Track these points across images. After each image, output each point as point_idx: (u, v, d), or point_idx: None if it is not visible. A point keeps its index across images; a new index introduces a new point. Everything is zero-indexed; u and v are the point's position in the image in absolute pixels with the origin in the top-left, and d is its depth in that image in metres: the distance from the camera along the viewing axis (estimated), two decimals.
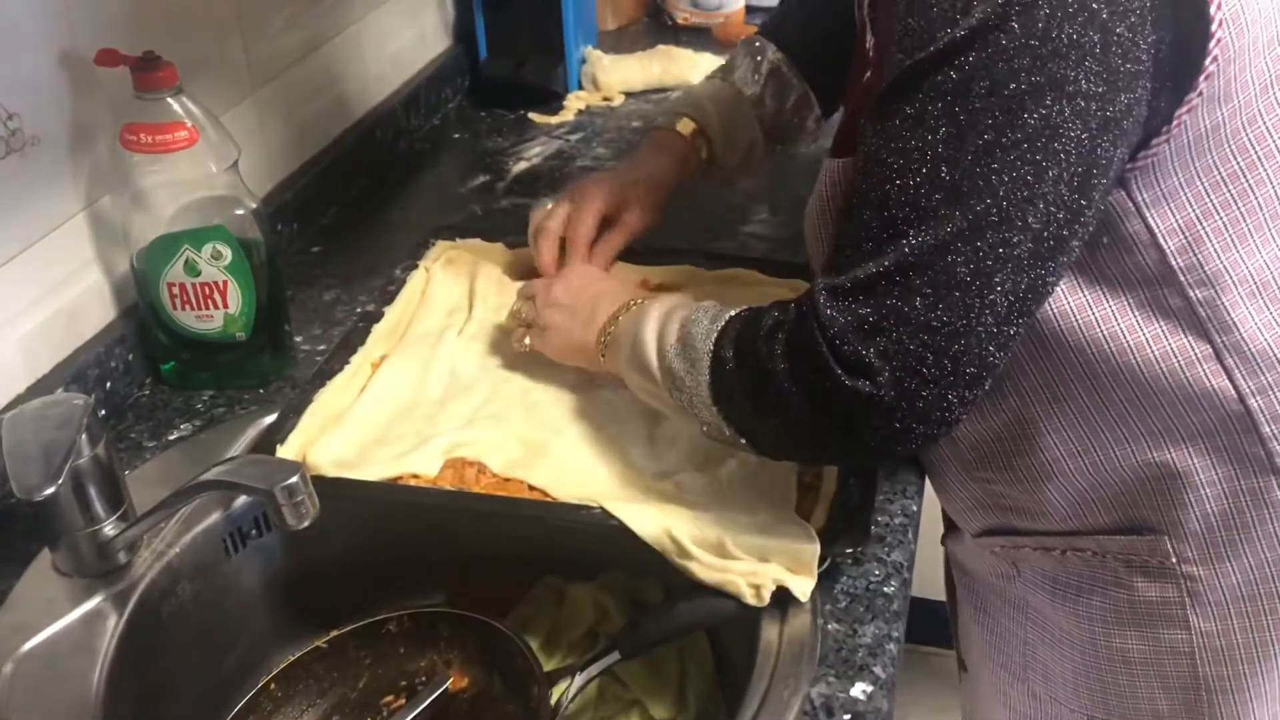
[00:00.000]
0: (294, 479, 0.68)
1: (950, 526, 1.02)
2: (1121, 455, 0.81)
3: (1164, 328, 0.76)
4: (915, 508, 0.91)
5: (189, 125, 0.96)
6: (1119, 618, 0.86)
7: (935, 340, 0.69)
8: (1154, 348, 0.77)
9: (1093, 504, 0.83)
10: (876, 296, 0.70)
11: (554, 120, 1.60)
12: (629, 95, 1.67)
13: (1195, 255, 0.75)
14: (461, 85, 1.68)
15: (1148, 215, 0.74)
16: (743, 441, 0.81)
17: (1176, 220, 0.74)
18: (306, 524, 0.70)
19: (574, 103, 1.63)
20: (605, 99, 1.65)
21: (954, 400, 0.71)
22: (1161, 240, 0.74)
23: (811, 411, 0.74)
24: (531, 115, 1.61)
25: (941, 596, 1.12)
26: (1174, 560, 0.82)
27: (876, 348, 0.70)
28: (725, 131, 1.12)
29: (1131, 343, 0.77)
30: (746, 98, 1.13)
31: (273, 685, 0.90)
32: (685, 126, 1.12)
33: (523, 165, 1.49)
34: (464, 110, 1.65)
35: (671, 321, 0.84)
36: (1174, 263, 0.75)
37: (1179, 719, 0.86)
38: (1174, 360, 0.77)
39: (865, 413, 0.71)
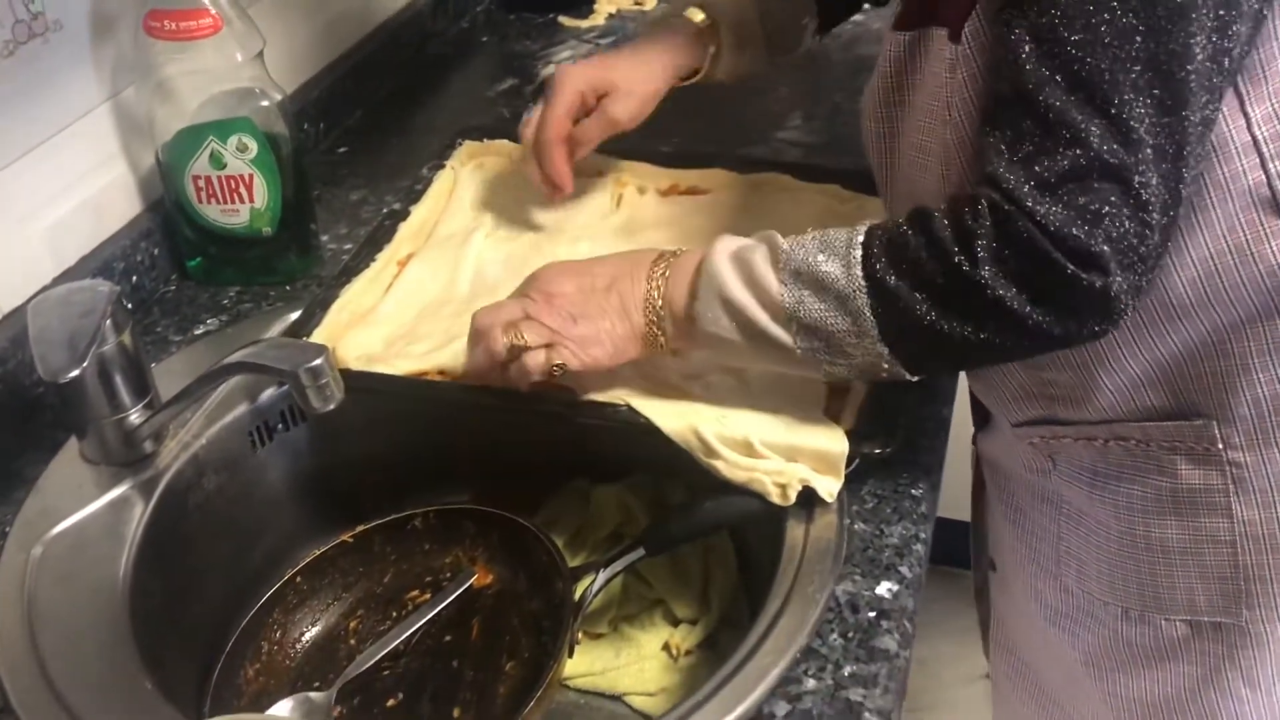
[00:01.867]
0: (319, 360, 0.68)
1: (983, 422, 1.00)
2: (1176, 336, 0.78)
3: (1236, 204, 0.74)
4: (946, 413, 0.90)
5: (213, 12, 0.94)
6: (1160, 507, 0.84)
7: (1153, 216, 0.67)
8: (1221, 222, 0.74)
9: (1143, 389, 0.82)
10: (1092, 183, 0.67)
11: (584, 24, 1.57)
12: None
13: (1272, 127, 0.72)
14: None
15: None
16: (908, 375, 0.76)
17: (1268, 88, 0.72)
18: (331, 407, 0.69)
19: (605, 6, 1.59)
20: (637, 2, 1.61)
21: (1155, 270, 0.70)
22: (1248, 106, 0.72)
23: (1030, 313, 0.69)
24: (561, 19, 1.58)
25: (960, 515, 1.10)
26: (1220, 446, 0.80)
27: (1103, 234, 0.67)
28: (735, 29, 1.05)
29: (1198, 217, 0.74)
30: None
31: (298, 579, 0.91)
32: (694, 16, 1.04)
33: (552, 69, 1.45)
34: (492, 14, 1.61)
35: (758, 269, 0.76)
36: (1258, 132, 0.72)
37: (1215, 608, 0.85)
38: (1240, 234, 0.74)
39: (1097, 302, 0.68)
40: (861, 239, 0.74)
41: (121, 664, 0.73)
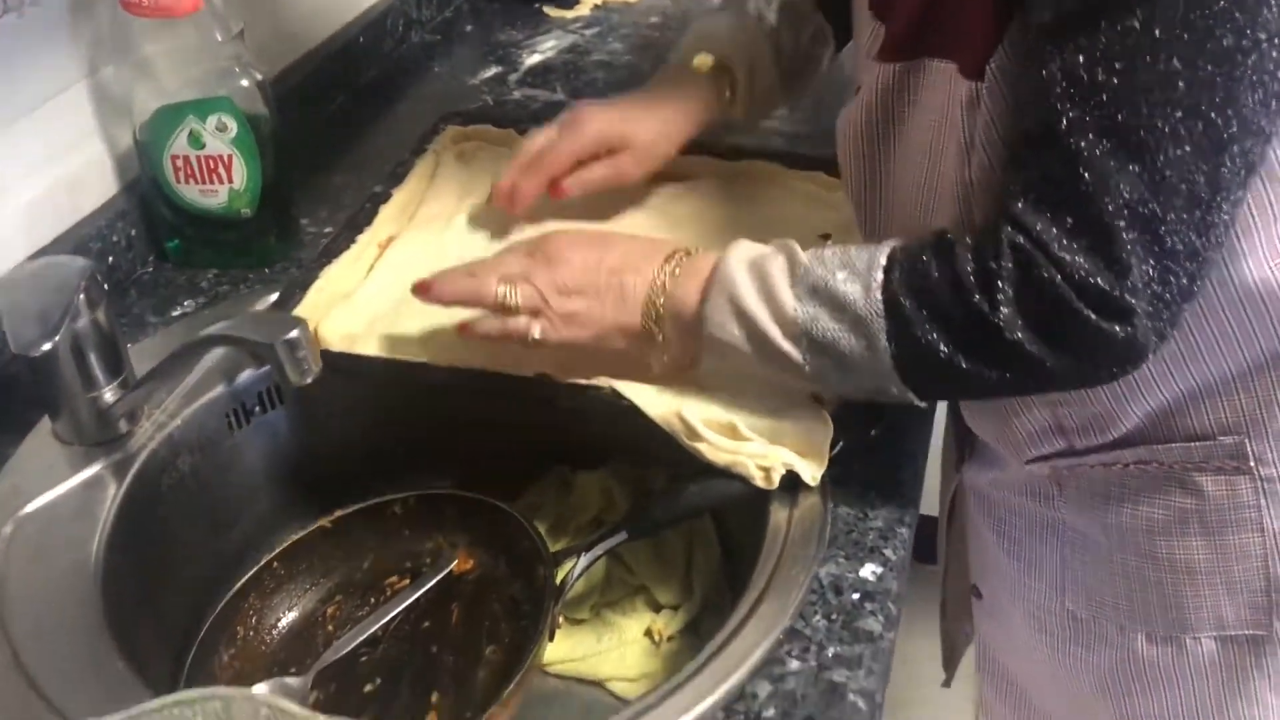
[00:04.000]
0: (295, 332, 0.67)
1: (969, 455, 0.97)
2: (1217, 364, 0.76)
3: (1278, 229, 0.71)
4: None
5: None
6: (1184, 526, 0.81)
7: (1181, 264, 0.66)
8: (1265, 249, 0.72)
9: (1173, 414, 0.79)
10: (1117, 232, 0.65)
11: (569, 14, 1.56)
12: None
13: None
14: None
15: None
16: (917, 401, 0.74)
17: None
18: (309, 380, 0.68)
19: None
20: None
21: (1183, 313, 0.68)
22: None
23: (1048, 358, 0.68)
24: (546, 9, 1.57)
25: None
26: (1252, 462, 0.78)
27: (1129, 285, 0.65)
28: (749, 71, 1.00)
29: (1245, 247, 0.72)
30: (765, 30, 1.01)
31: (275, 563, 0.89)
32: (704, 63, 0.99)
33: (536, 58, 1.45)
34: (476, 2, 1.61)
35: (774, 280, 0.74)
36: None
37: (1244, 622, 0.83)
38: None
39: (1118, 351, 0.67)
40: (884, 261, 0.72)
41: (94, 646, 0.72)
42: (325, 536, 0.92)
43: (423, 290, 0.84)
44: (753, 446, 0.79)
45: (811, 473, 0.79)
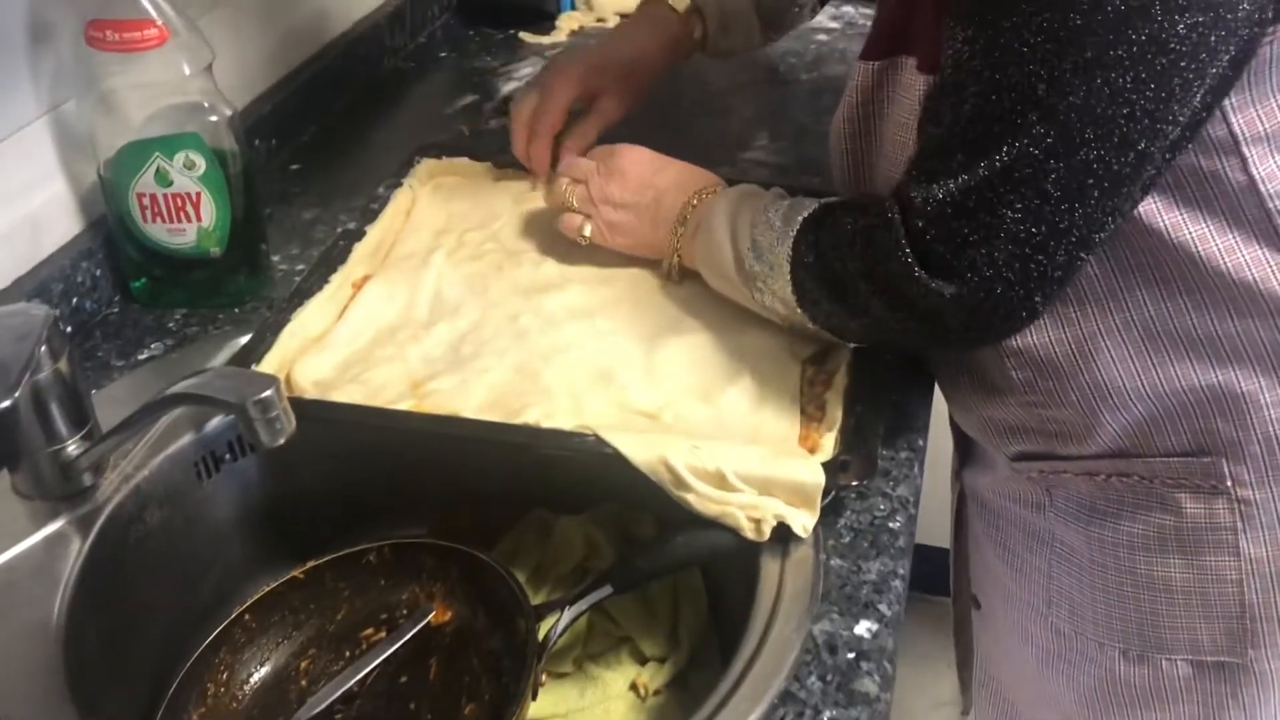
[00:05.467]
0: (268, 393, 0.64)
1: (967, 458, 0.98)
2: (1183, 375, 0.77)
3: (1239, 237, 0.73)
4: (921, 442, 0.88)
5: (159, 23, 0.90)
6: (1162, 544, 0.82)
7: (1023, 250, 0.70)
8: (1227, 258, 0.73)
9: (1147, 427, 0.80)
10: (966, 209, 0.70)
11: (546, 40, 1.54)
12: (623, 17, 1.60)
13: (1277, 163, 0.72)
14: (449, 2, 1.61)
15: (1233, 119, 0.71)
16: (828, 335, 0.84)
17: (1263, 127, 0.71)
18: (282, 441, 0.65)
19: (567, 23, 1.56)
20: (599, 20, 1.58)
21: (1037, 300, 0.73)
22: (1244, 147, 0.71)
23: (896, 312, 0.75)
24: (522, 35, 1.54)
25: (935, 542, 1.08)
26: (1229, 483, 0.79)
27: (965, 258, 0.71)
28: (722, 11, 1.08)
29: (1203, 252, 0.74)
30: None
31: (247, 616, 0.86)
32: (678, 2, 1.08)
33: (513, 85, 1.42)
34: (451, 28, 1.58)
35: (741, 222, 0.85)
36: (1255, 171, 0.72)
37: (1219, 648, 0.83)
38: (1247, 272, 0.73)
39: (951, 312, 0.73)
40: (804, 214, 0.81)
41: (56, 711, 0.69)
42: (298, 587, 0.89)
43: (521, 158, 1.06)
44: (742, 497, 0.77)
45: (803, 524, 0.77)
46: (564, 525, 0.95)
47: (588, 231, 0.96)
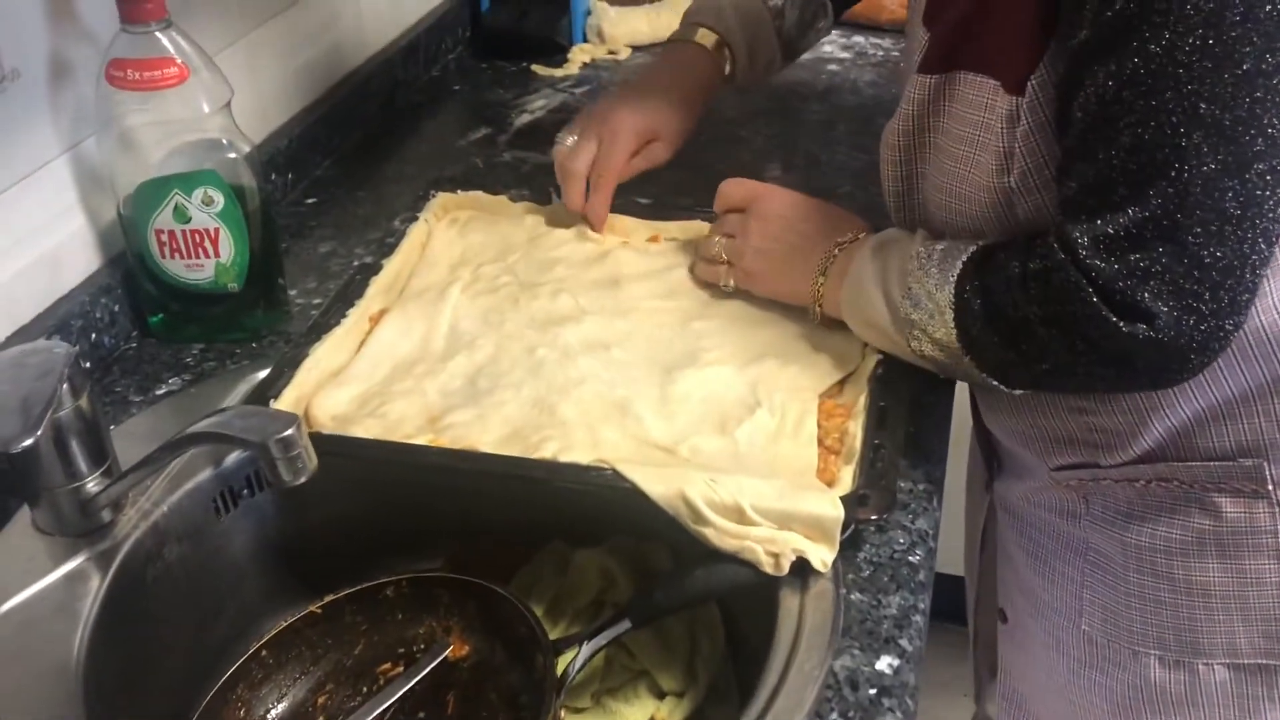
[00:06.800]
0: (289, 431, 0.64)
1: (1000, 470, 0.98)
2: (1232, 378, 0.78)
3: None
4: (939, 473, 0.88)
5: (179, 61, 0.91)
6: (1200, 548, 0.83)
7: (1210, 276, 0.69)
8: None
9: (1192, 430, 0.81)
10: (1146, 241, 0.69)
11: (558, 73, 1.55)
12: (636, 49, 1.61)
13: None
14: (462, 36, 1.62)
15: None
16: (994, 382, 0.81)
17: None
18: (304, 479, 0.65)
19: (579, 55, 1.57)
20: (611, 52, 1.60)
21: (1229, 327, 0.71)
22: None
23: (1080, 356, 0.74)
24: (535, 67, 1.56)
25: (948, 569, 1.08)
26: (1270, 486, 0.79)
27: (1151, 291, 0.70)
28: (749, 45, 1.09)
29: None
30: (768, 7, 1.10)
31: (264, 651, 0.86)
32: (705, 39, 1.08)
33: (526, 118, 1.43)
34: (464, 61, 1.59)
35: (891, 269, 0.83)
36: None
37: (1257, 650, 0.83)
38: None
39: (1144, 353, 0.71)
40: (963, 258, 0.79)
41: None
42: (315, 623, 0.89)
43: None
44: (760, 531, 0.77)
45: (822, 558, 0.76)
46: (581, 558, 0.95)
47: (731, 283, 0.97)
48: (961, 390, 0.97)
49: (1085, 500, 0.88)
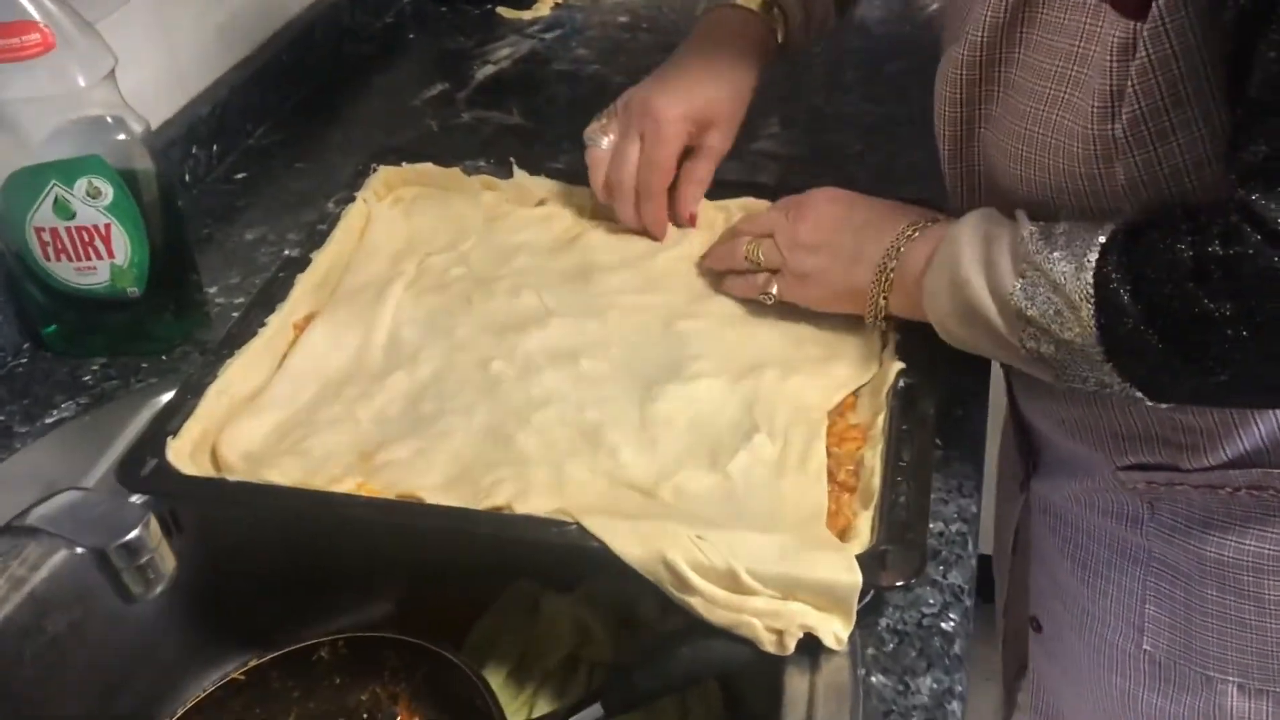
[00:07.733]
0: (135, 533, 0.49)
1: (1039, 466, 0.88)
2: None
3: None
4: (975, 509, 0.73)
5: (42, 25, 0.75)
6: None
7: None
8: None
9: None
10: None
11: (526, 16, 1.38)
12: None
13: None
14: None
15: None
16: (1138, 394, 0.65)
17: None
18: (158, 591, 0.51)
19: None
20: None
21: None
22: None
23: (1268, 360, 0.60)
24: (500, 10, 1.39)
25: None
26: None
27: None
28: (804, 4, 0.92)
29: None
30: None
31: None
32: (750, 1, 0.91)
33: (489, 70, 1.27)
34: (420, 5, 1.42)
35: (997, 252, 0.67)
36: None
37: None
38: None
39: None
40: (1101, 238, 0.63)
41: None
42: (238, 691, 0.77)
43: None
44: (759, 602, 0.62)
45: (835, 633, 0.62)
46: (551, 605, 0.81)
47: (774, 291, 0.81)
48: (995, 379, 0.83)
49: (1150, 505, 0.79)
